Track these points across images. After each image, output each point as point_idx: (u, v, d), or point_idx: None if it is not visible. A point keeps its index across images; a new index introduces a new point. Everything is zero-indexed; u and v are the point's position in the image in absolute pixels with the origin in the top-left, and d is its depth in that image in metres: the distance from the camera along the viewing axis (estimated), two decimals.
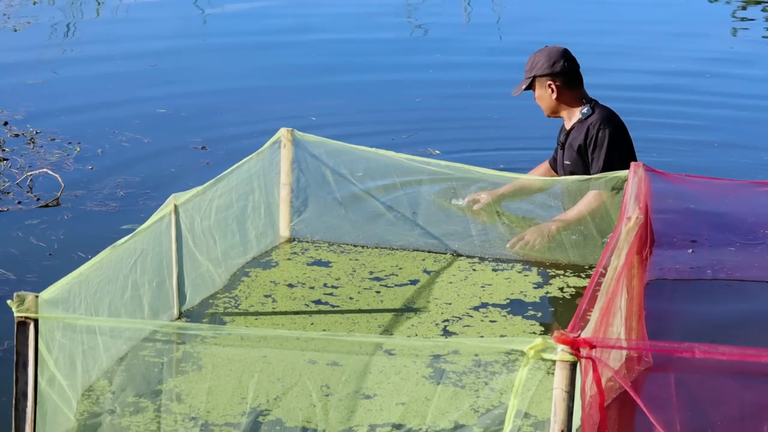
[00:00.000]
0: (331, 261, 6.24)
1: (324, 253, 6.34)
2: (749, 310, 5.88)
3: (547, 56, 6.50)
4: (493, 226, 6.46)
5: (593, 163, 6.39)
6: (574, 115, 6.52)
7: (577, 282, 6.04)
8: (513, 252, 6.28)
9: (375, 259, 6.28)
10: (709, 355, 3.65)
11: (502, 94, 10.10)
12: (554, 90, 6.50)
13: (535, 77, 6.52)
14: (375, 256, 6.32)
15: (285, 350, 4.99)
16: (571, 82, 6.52)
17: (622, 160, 6.31)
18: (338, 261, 6.24)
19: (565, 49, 6.57)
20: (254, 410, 4.58)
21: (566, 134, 6.56)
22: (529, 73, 6.54)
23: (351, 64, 11.38)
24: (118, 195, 7.28)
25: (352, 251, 6.38)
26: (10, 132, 8.49)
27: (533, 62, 6.53)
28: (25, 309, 3.96)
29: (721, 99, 10.29)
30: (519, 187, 6.65)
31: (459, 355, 4.98)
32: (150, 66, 11.03)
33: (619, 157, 6.35)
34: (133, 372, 4.85)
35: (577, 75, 6.55)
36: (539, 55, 6.53)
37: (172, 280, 5.42)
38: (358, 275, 6.06)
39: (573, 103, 6.53)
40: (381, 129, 8.95)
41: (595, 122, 6.43)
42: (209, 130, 8.80)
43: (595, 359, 3.73)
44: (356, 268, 6.15)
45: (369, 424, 4.53)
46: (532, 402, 4.60)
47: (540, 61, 6.50)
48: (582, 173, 6.43)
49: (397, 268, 6.17)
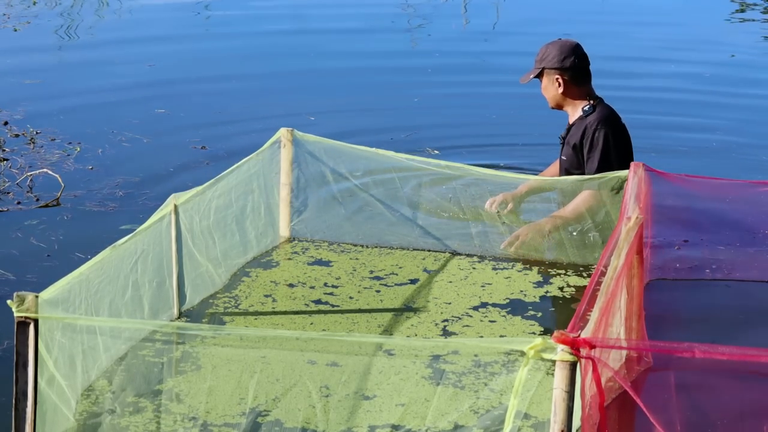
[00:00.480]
0: (332, 261, 6.24)
1: (324, 252, 6.34)
2: (749, 310, 5.88)
3: (558, 49, 6.50)
4: (494, 226, 6.46)
5: (587, 164, 6.39)
6: (577, 112, 6.52)
7: (577, 281, 6.04)
8: (508, 252, 6.28)
9: (375, 259, 6.27)
10: (709, 355, 3.64)
11: (500, 94, 10.10)
12: (561, 84, 6.50)
13: (544, 68, 6.52)
14: (375, 256, 6.32)
15: (284, 351, 4.99)
16: (578, 78, 6.52)
17: (617, 162, 6.31)
18: (338, 261, 6.24)
19: (577, 44, 6.56)
20: (254, 411, 4.58)
21: (567, 129, 6.57)
22: (538, 64, 6.55)
23: (351, 63, 11.38)
24: (118, 195, 7.28)
25: (352, 251, 6.38)
26: (11, 132, 8.49)
27: (544, 54, 6.53)
28: (25, 309, 3.96)
29: (721, 99, 10.28)
30: (533, 188, 6.66)
31: (459, 356, 4.98)
32: (150, 66, 11.03)
33: (615, 159, 6.34)
34: (133, 372, 4.84)
35: (585, 72, 6.54)
36: (551, 47, 6.53)
37: (172, 280, 5.42)
38: (358, 275, 6.06)
39: (577, 100, 6.53)
40: (379, 128, 8.96)
41: (593, 122, 6.42)
42: (209, 130, 8.81)
43: (595, 359, 3.73)
44: (356, 268, 6.15)
45: (369, 425, 4.53)
46: (532, 402, 4.60)
47: (551, 54, 6.49)
48: (576, 171, 6.43)
49: (397, 267, 6.17)
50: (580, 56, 6.52)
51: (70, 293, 4.41)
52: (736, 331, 5.58)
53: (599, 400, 3.89)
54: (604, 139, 6.38)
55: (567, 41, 6.57)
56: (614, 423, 4.53)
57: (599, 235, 6.27)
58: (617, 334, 4.65)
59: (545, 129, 9.22)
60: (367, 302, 5.75)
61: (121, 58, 11.27)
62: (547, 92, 6.57)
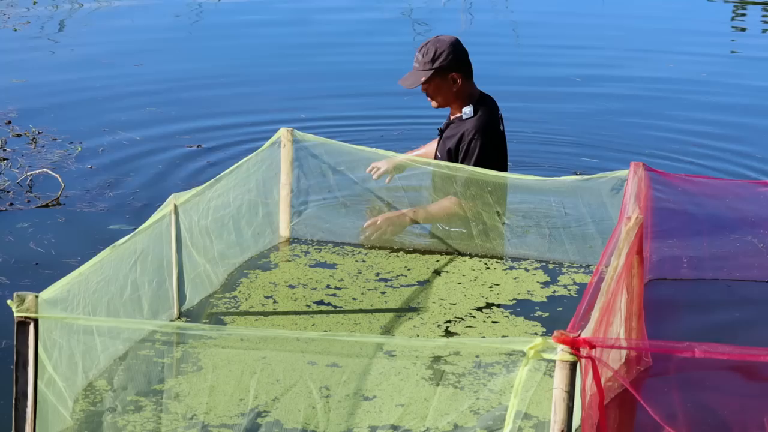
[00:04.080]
0: (336, 262, 6.23)
1: (326, 254, 6.34)
2: (749, 310, 5.88)
3: (450, 47, 6.38)
4: (494, 226, 6.46)
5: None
6: (460, 110, 6.48)
7: (585, 280, 6.03)
8: (365, 238, 6.25)
9: (375, 259, 6.27)
10: (709, 355, 3.64)
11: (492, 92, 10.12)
12: (456, 82, 6.42)
13: (439, 68, 6.39)
14: (374, 256, 6.31)
15: (284, 351, 4.99)
16: (470, 74, 6.47)
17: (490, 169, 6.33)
18: (342, 262, 6.23)
19: (458, 39, 6.49)
20: (253, 411, 4.58)
21: (447, 124, 6.55)
22: (431, 65, 6.37)
23: (349, 63, 11.38)
24: (118, 195, 7.28)
25: (352, 252, 6.37)
26: (12, 132, 8.49)
27: (435, 53, 6.36)
28: (25, 309, 3.96)
29: (720, 99, 10.28)
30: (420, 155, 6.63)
31: (459, 356, 4.98)
32: (151, 66, 11.03)
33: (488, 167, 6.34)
34: (132, 372, 4.84)
35: (471, 67, 6.49)
36: (440, 45, 6.38)
37: (172, 279, 5.42)
38: (363, 276, 6.05)
39: (466, 97, 6.45)
40: (380, 128, 8.97)
41: (471, 130, 6.38)
42: (209, 130, 8.81)
43: (595, 359, 3.73)
44: (361, 269, 6.14)
45: (368, 426, 4.53)
46: (532, 402, 4.60)
47: (444, 52, 6.35)
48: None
49: (406, 269, 6.15)
50: (466, 52, 6.46)
51: (70, 293, 4.41)
52: (736, 331, 5.58)
53: (599, 400, 3.89)
54: (480, 149, 6.37)
55: (449, 37, 6.46)
56: (614, 422, 4.54)
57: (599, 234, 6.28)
58: (617, 334, 4.66)
59: (541, 124, 9.23)
60: (371, 303, 5.74)
61: (123, 58, 11.27)
62: (440, 92, 6.44)
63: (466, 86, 6.45)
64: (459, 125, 6.45)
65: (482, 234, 6.42)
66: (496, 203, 6.32)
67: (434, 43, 6.40)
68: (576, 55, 11.81)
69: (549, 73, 10.91)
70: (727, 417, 4.70)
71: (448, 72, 6.38)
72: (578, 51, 12.03)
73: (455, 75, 6.39)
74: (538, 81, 10.58)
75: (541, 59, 11.48)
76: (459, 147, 6.40)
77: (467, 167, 6.35)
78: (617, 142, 8.81)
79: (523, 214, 6.56)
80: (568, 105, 9.78)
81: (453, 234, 6.43)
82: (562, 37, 12.83)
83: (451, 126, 6.50)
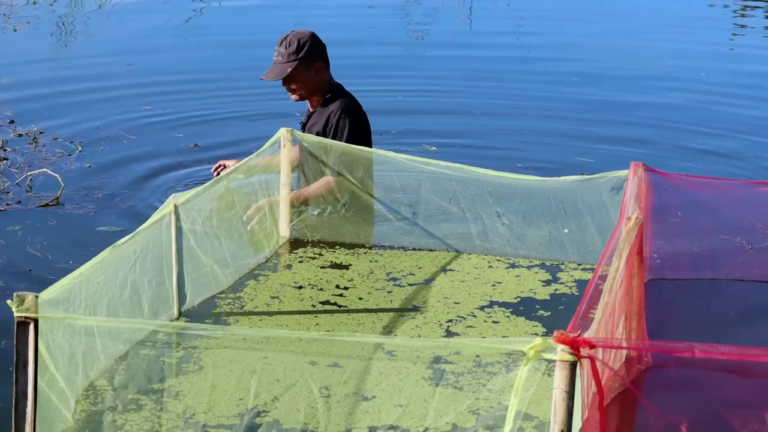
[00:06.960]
0: (350, 263, 6.22)
1: (326, 254, 6.34)
2: (749, 310, 5.88)
3: (310, 38, 6.53)
4: (494, 226, 6.46)
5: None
6: (320, 99, 6.63)
7: (586, 277, 6.03)
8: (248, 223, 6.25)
9: (388, 259, 6.27)
10: (708, 355, 3.64)
11: (487, 88, 10.10)
12: (319, 71, 6.55)
13: (304, 58, 6.51)
14: (388, 256, 6.31)
15: (284, 352, 4.99)
16: (329, 64, 6.64)
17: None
18: (356, 263, 6.23)
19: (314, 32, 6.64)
20: (253, 411, 4.57)
21: (308, 116, 6.70)
22: (295, 56, 6.51)
23: (350, 61, 11.38)
24: (118, 194, 7.28)
25: (353, 251, 6.37)
26: (14, 132, 8.50)
27: (299, 44, 6.50)
28: (25, 309, 3.96)
29: (720, 99, 10.29)
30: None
31: (459, 356, 4.98)
32: (151, 66, 11.03)
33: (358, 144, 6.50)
34: (132, 372, 4.84)
35: (328, 57, 6.65)
36: (301, 37, 6.54)
37: (171, 279, 5.42)
38: (374, 276, 6.05)
39: (326, 86, 6.63)
40: (379, 127, 8.97)
41: (336, 110, 6.56)
42: (210, 130, 8.82)
43: (595, 359, 3.73)
44: (373, 269, 6.13)
45: (368, 426, 4.53)
46: (532, 402, 4.60)
47: (306, 43, 6.51)
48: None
49: (416, 268, 6.15)
50: (324, 44, 6.61)
51: (70, 293, 4.41)
52: (736, 331, 5.58)
53: (599, 400, 3.89)
54: (349, 126, 6.54)
55: (307, 30, 6.62)
56: (614, 422, 4.54)
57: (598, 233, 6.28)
58: (617, 334, 4.65)
59: (540, 122, 9.24)
60: (376, 302, 5.74)
61: (123, 57, 11.27)
62: (304, 82, 6.56)
63: (327, 76, 6.63)
64: (322, 111, 6.63)
65: (482, 234, 6.42)
66: (367, 178, 6.47)
67: (295, 35, 6.57)
68: (576, 55, 11.83)
69: (549, 72, 10.91)
70: (727, 417, 4.70)
71: (312, 61, 6.54)
72: (578, 51, 12.04)
73: (319, 64, 6.55)
74: (538, 80, 10.57)
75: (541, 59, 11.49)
76: (327, 128, 6.57)
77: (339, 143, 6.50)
78: (617, 142, 8.81)
79: (523, 214, 6.56)
80: (568, 105, 9.79)
81: (452, 233, 6.44)
82: (560, 34, 12.84)
83: (313, 115, 6.67)
